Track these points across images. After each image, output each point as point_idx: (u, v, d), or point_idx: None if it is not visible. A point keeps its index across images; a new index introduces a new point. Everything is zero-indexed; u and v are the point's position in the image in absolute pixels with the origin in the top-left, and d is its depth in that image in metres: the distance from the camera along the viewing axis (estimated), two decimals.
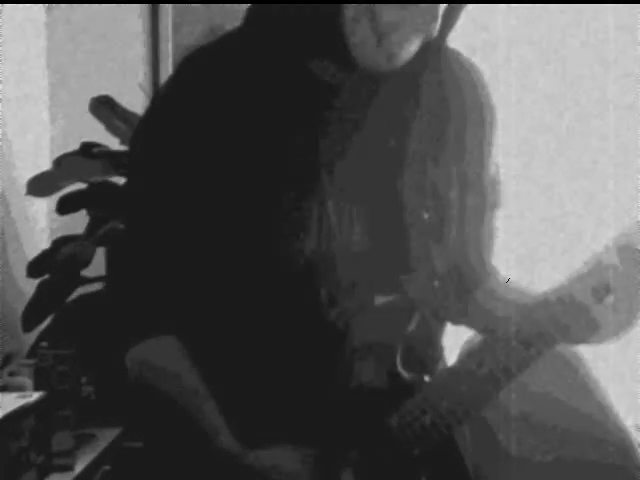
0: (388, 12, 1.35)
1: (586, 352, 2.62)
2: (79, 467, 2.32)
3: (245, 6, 1.50)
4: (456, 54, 1.52)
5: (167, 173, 1.43)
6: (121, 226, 2.09)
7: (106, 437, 2.56)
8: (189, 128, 1.42)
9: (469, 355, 1.42)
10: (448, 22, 1.43)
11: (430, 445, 1.40)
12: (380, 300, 1.43)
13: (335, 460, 1.38)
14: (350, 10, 1.36)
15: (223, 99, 1.42)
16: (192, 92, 1.43)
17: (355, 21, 1.36)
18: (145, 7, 3.19)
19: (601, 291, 1.41)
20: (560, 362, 2.61)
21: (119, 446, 2.57)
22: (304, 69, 1.42)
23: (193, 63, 1.47)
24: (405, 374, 1.42)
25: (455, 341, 1.58)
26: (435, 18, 1.37)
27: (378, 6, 1.35)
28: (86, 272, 2.60)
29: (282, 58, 1.42)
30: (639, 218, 1.44)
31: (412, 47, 1.38)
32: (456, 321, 1.58)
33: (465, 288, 1.53)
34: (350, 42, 1.37)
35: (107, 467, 2.46)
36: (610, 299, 1.42)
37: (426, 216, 1.45)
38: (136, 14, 3.18)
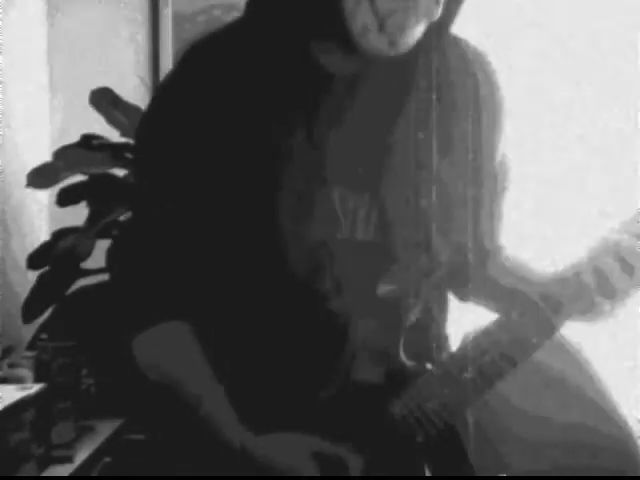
0: None
1: (586, 347, 2.62)
2: (79, 459, 2.32)
3: None
4: (464, 43, 1.51)
5: (173, 162, 1.43)
6: (124, 217, 2.10)
7: (106, 429, 2.56)
8: (194, 118, 1.42)
9: (473, 342, 1.42)
10: (452, 8, 1.42)
11: (433, 433, 1.41)
12: (383, 289, 1.43)
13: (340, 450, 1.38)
14: None
15: (227, 89, 1.42)
16: (196, 82, 1.43)
17: (356, 5, 1.35)
18: None
19: (627, 263, 1.42)
20: (561, 361, 2.61)
21: (119, 438, 2.57)
22: (310, 58, 1.42)
23: (196, 53, 1.47)
24: (408, 362, 1.43)
25: (458, 329, 1.58)
26: (438, 3, 1.36)
27: None
28: (86, 264, 2.61)
29: (287, 47, 1.42)
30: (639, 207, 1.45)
31: (415, 33, 1.37)
32: (464, 298, 1.59)
33: (473, 267, 1.54)
34: (352, 27, 1.37)
35: (107, 459, 2.47)
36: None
37: (431, 205, 1.46)
38: (137, 6, 3.18)
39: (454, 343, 1.53)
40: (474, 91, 1.50)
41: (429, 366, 1.43)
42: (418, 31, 1.38)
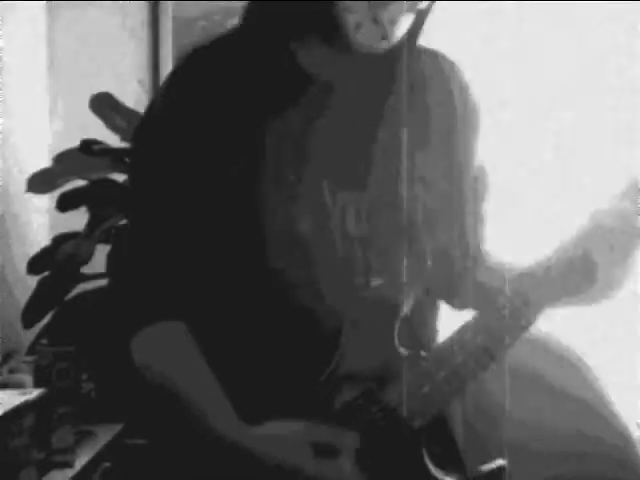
0: None
1: (586, 352, 2.63)
2: (79, 464, 2.32)
3: (243, 2, 1.51)
4: (437, 55, 1.55)
5: (169, 166, 1.46)
6: (124, 220, 2.10)
7: (106, 434, 2.56)
8: (189, 124, 1.45)
9: (464, 327, 1.44)
10: (418, 19, 1.45)
11: (429, 417, 1.42)
12: (375, 282, 1.45)
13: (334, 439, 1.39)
14: None
15: (220, 95, 1.45)
16: (192, 90, 1.47)
17: None
18: (145, 3, 3.20)
19: (605, 248, 1.45)
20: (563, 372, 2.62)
21: (119, 443, 2.57)
22: (296, 65, 1.46)
23: (192, 61, 1.50)
24: (403, 351, 1.44)
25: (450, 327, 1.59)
26: None
27: None
28: (86, 269, 2.61)
29: (273, 51, 1.46)
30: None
31: (400, 28, 1.40)
32: (447, 301, 1.60)
33: (456, 271, 1.55)
34: (346, 22, 1.39)
35: (107, 464, 2.47)
36: (612, 255, 1.45)
37: (418, 204, 1.49)
38: (137, 11, 3.18)
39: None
40: (443, 102, 1.53)
41: (423, 353, 1.44)
42: (402, 27, 1.41)
